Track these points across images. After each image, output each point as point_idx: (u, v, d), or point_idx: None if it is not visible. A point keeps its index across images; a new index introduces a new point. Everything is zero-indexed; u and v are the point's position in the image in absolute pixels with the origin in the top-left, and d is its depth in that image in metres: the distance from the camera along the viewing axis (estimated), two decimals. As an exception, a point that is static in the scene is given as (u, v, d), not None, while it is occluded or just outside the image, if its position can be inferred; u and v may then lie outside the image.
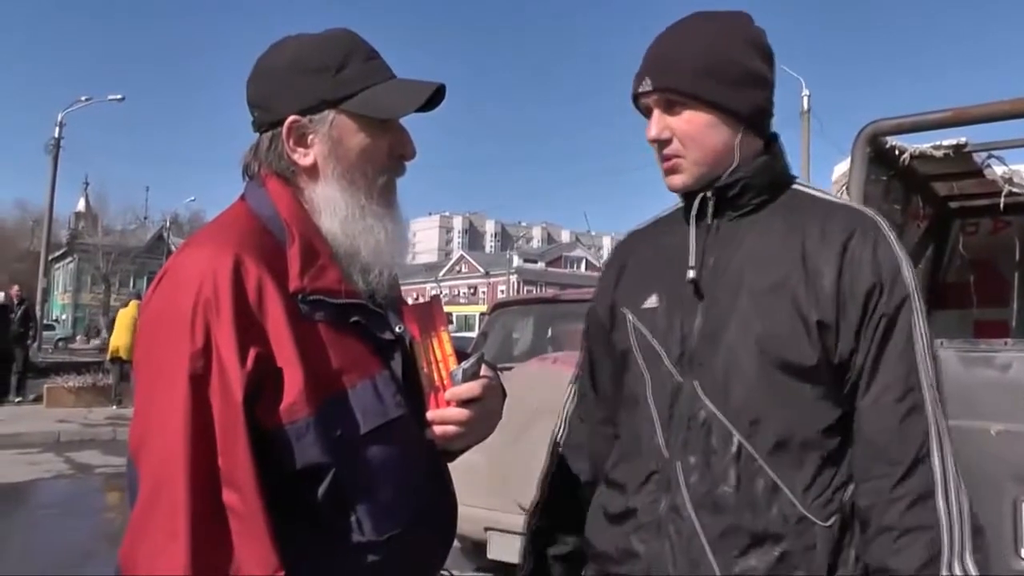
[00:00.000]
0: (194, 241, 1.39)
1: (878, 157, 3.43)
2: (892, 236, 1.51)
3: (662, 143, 1.57)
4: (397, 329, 1.45)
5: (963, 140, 3.49)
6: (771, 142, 1.62)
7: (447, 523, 1.51)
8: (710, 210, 1.57)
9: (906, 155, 3.56)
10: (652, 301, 1.61)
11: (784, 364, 1.46)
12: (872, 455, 1.43)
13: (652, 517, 1.51)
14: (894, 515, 1.40)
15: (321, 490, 1.28)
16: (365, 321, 1.39)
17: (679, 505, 1.48)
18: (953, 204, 4.46)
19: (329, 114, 1.43)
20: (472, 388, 1.42)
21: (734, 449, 1.45)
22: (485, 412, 1.46)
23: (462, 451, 1.55)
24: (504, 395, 1.55)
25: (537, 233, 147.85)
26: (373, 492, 1.33)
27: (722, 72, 1.53)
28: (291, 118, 1.42)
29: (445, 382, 1.43)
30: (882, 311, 1.45)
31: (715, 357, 1.50)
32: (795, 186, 1.63)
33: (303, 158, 1.43)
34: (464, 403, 1.42)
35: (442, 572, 1.50)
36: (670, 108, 1.56)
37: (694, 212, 1.58)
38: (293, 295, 1.32)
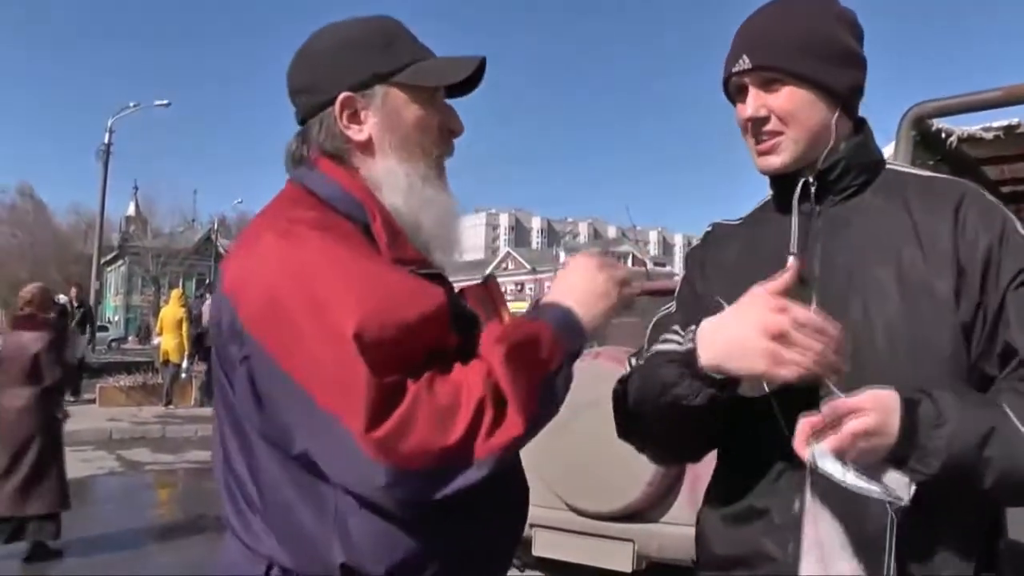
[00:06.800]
0: (271, 221, 1.33)
1: (924, 141, 3.36)
2: (998, 201, 1.50)
3: (758, 122, 1.53)
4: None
5: (1015, 121, 3.39)
6: (860, 123, 1.59)
7: (523, 506, 1.49)
8: (812, 195, 1.53)
9: (953, 138, 3.48)
10: None
11: (913, 342, 1.40)
12: None
13: (787, 518, 1.42)
14: None
15: None
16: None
17: None
18: (1005, 189, 4.34)
19: (381, 88, 1.43)
20: None
21: None
22: None
23: None
24: None
25: (583, 229, 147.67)
26: None
27: (820, 48, 1.50)
28: (343, 95, 1.42)
29: None
30: (1016, 266, 1.41)
31: None
32: (888, 166, 1.60)
33: (357, 134, 1.43)
34: None
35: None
36: (767, 86, 1.52)
37: (796, 196, 1.53)
38: None
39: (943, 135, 3.47)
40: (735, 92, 1.58)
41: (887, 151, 3.65)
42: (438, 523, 1.24)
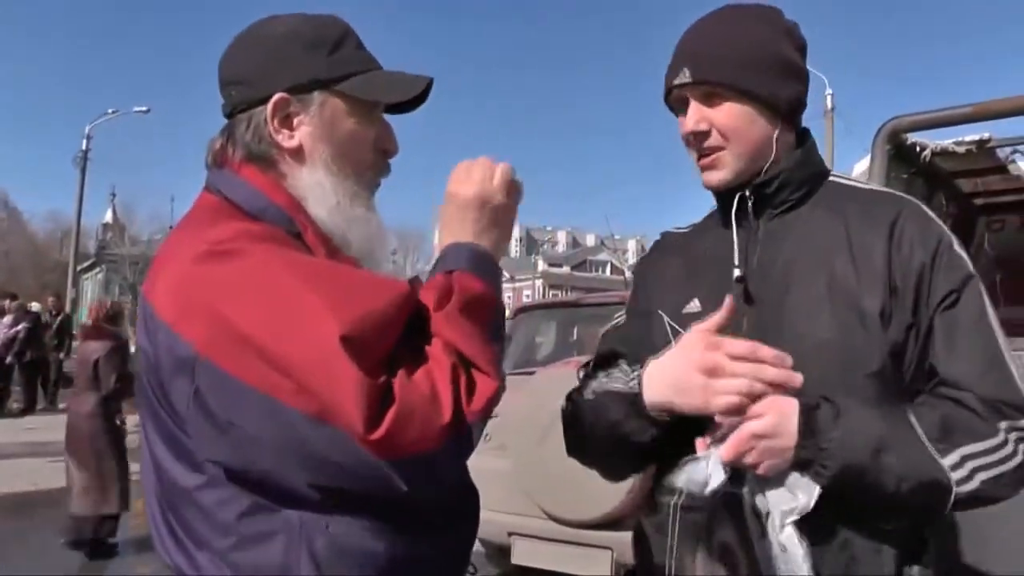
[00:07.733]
0: (198, 241, 1.21)
1: (899, 154, 3.41)
2: (936, 218, 1.49)
3: (700, 136, 1.52)
4: None
5: (986, 135, 3.45)
6: (803, 135, 1.59)
7: (477, 504, 1.44)
8: (750, 209, 1.53)
9: (927, 152, 3.53)
10: (694, 306, 1.55)
11: (844, 361, 1.40)
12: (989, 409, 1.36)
13: None
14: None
15: None
16: None
17: None
18: (978, 201, 4.41)
19: (320, 95, 1.34)
20: None
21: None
22: None
23: None
24: None
25: (562, 237, 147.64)
26: None
27: (762, 63, 1.49)
28: (278, 95, 1.32)
29: None
30: (947, 287, 1.41)
31: None
32: (831, 178, 1.59)
33: (287, 140, 1.34)
34: None
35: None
36: (709, 100, 1.51)
37: (734, 211, 1.53)
38: None
39: (917, 149, 3.53)
40: (676, 104, 1.57)
41: (863, 164, 3.70)
42: (404, 532, 1.21)
